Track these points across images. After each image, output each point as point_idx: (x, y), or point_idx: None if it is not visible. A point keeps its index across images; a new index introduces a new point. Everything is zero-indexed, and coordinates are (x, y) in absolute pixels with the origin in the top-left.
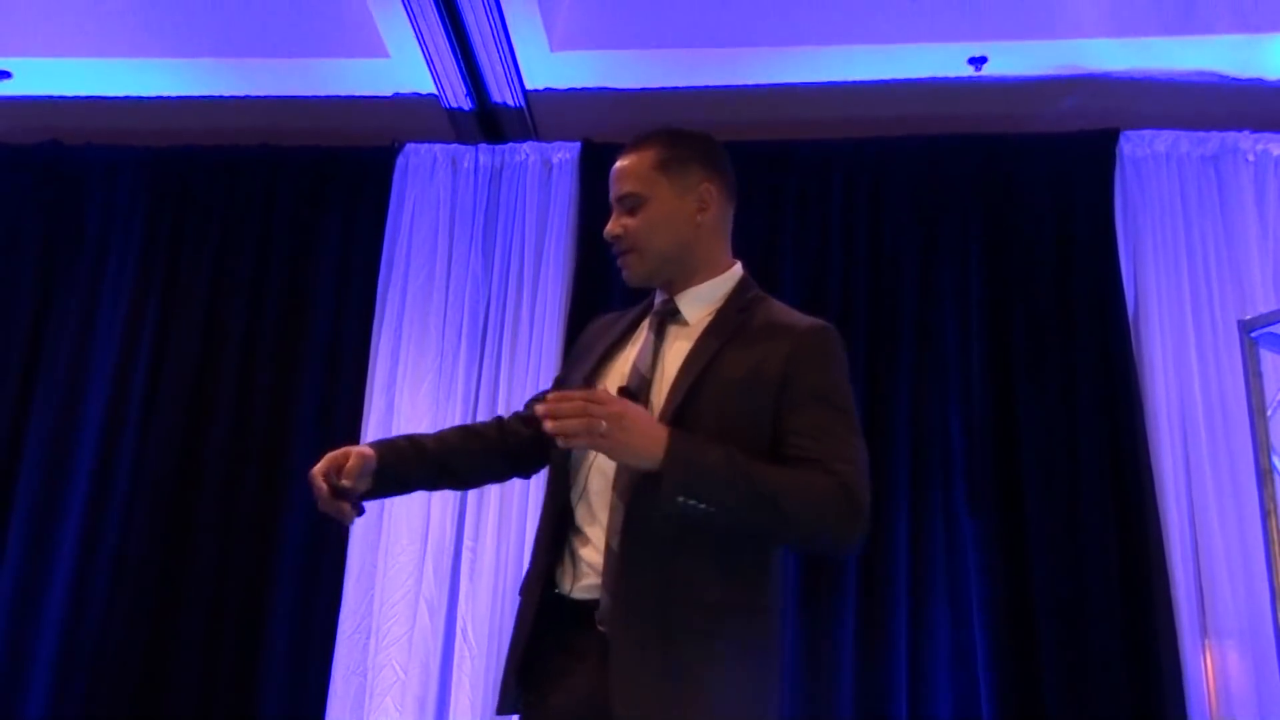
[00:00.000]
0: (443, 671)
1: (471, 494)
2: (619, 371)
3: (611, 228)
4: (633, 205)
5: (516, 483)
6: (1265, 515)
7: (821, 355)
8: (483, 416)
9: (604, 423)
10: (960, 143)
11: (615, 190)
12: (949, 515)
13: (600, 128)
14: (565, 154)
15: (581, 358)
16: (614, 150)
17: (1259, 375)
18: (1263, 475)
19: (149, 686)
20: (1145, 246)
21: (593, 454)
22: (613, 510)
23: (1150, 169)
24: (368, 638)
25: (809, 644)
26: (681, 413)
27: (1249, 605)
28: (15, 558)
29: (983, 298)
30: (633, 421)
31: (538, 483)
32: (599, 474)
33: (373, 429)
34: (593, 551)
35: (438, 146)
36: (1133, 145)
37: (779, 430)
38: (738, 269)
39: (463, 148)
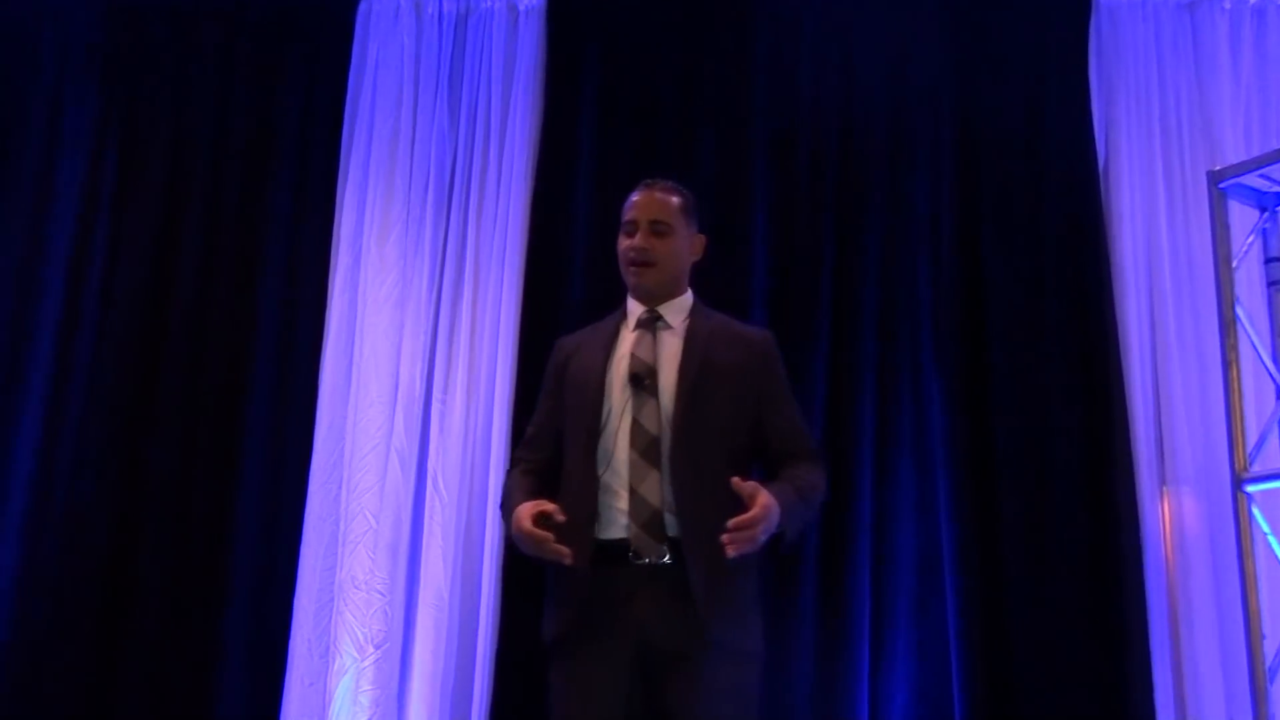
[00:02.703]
0: (414, 520)
1: (440, 346)
2: (619, 365)
3: (641, 242)
4: (661, 232)
5: (485, 339)
6: (1226, 365)
7: (779, 361)
8: (450, 271)
9: (762, 534)
10: None
11: (649, 213)
12: (915, 368)
13: None
14: (532, 1)
15: (575, 368)
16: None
17: (1226, 226)
18: (1225, 325)
19: (119, 546)
20: (1118, 97)
21: (618, 430)
22: (633, 467)
23: (1126, 17)
24: (339, 488)
25: None
26: (693, 393)
27: (1206, 453)
28: None
29: (954, 148)
30: (770, 518)
31: (505, 338)
32: (622, 447)
33: (339, 284)
34: (623, 502)
35: None
36: None
37: (768, 415)
38: (690, 292)
39: None
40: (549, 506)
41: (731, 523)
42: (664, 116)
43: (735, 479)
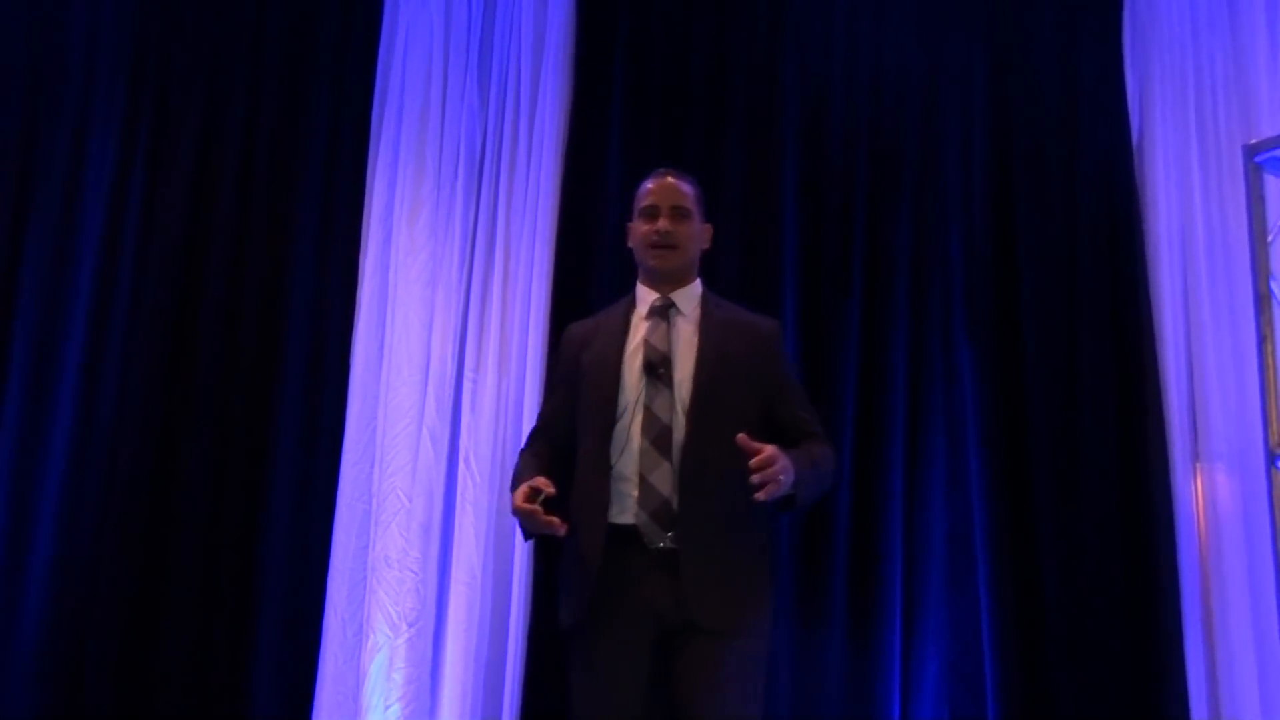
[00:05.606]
0: (446, 499)
1: (471, 324)
2: (634, 354)
3: (665, 225)
4: (682, 216)
5: (515, 317)
6: (1261, 340)
7: (785, 349)
8: (481, 249)
9: (781, 473)
10: None
11: (670, 199)
12: (947, 340)
13: None
14: None
15: (589, 358)
16: None
17: (1262, 200)
18: (1260, 300)
19: (153, 527)
20: (1153, 68)
21: (632, 419)
22: (644, 455)
23: None
24: (371, 467)
25: None
26: (709, 384)
27: (1240, 429)
28: (22, 355)
29: (985, 119)
30: (782, 461)
31: (536, 316)
32: (635, 436)
33: (370, 263)
34: (634, 489)
35: None
36: None
37: (777, 404)
38: (699, 281)
39: None
40: (539, 481)
41: (753, 462)
42: (695, 94)
43: (742, 435)
